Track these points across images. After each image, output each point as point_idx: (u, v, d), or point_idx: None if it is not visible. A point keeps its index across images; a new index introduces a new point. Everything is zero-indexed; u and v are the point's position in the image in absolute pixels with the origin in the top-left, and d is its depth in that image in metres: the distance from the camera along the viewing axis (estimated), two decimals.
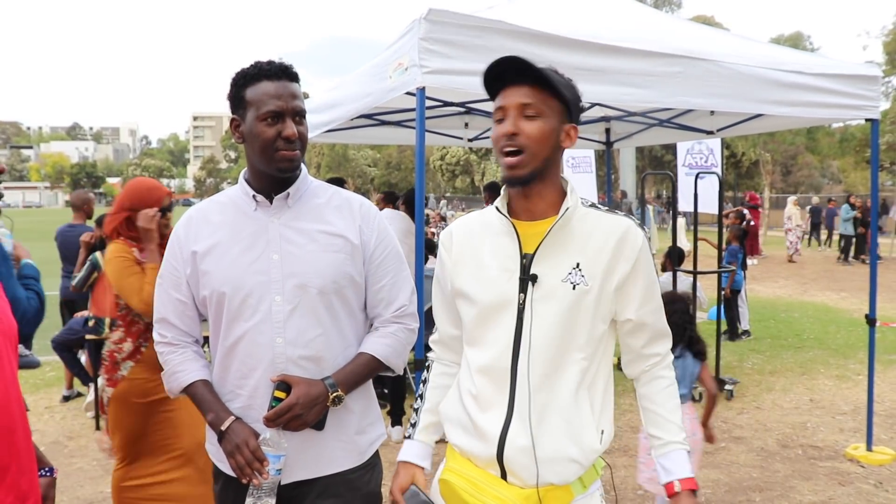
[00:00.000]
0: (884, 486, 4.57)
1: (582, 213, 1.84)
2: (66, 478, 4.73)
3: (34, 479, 1.65)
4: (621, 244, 1.80)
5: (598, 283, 1.78)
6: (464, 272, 1.91)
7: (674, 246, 7.39)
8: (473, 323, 1.89)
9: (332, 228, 2.08)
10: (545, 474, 1.76)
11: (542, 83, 1.76)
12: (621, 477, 4.73)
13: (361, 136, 7.10)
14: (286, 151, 1.98)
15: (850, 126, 28.60)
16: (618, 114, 6.63)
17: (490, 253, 1.87)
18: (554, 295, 1.78)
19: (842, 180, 50.20)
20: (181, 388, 2.12)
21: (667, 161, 34.38)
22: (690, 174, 10.58)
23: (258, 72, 1.99)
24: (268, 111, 1.96)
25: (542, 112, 1.76)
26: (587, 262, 1.79)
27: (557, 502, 1.80)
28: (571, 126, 1.81)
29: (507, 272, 1.83)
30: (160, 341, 2.16)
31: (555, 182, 1.85)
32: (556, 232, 1.79)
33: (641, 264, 1.82)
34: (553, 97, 1.77)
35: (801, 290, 14.06)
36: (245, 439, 1.95)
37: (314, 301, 2.03)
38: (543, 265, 1.80)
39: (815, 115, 4.61)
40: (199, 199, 42.81)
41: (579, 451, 1.79)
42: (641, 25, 4.51)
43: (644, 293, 1.84)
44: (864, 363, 6.91)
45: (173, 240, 2.13)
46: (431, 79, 3.41)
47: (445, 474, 1.90)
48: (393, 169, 67.12)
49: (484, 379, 1.85)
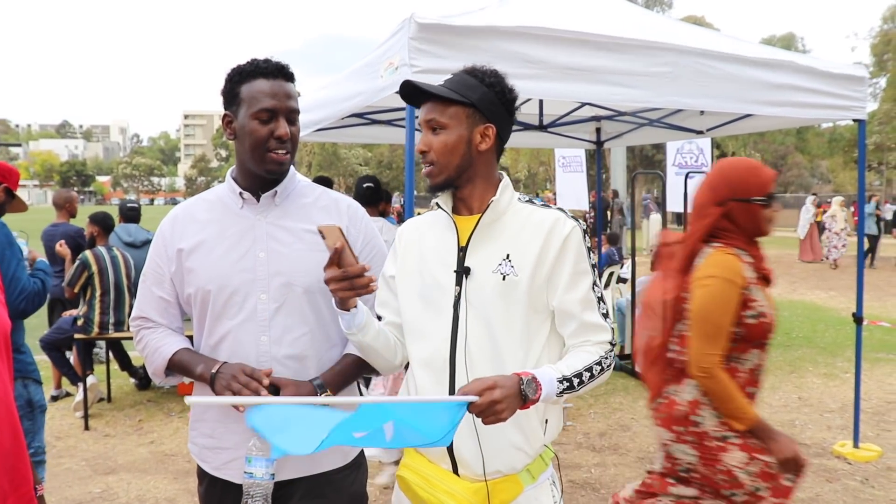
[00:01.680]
0: (870, 482, 4.61)
1: (517, 207, 1.90)
2: (55, 478, 4.71)
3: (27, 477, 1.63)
4: (550, 234, 1.84)
5: (527, 274, 1.81)
6: (406, 267, 1.96)
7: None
8: (413, 316, 1.93)
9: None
10: (492, 462, 1.80)
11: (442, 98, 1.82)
12: (611, 475, 4.75)
13: (352, 134, 7.09)
14: (277, 153, 1.98)
15: (839, 126, 28.84)
16: (608, 113, 6.65)
17: (432, 248, 1.93)
18: (485, 286, 1.83)
19: (831, 180, 50.51)
20: (166, 361, 2.07)
21: (657, 160, 34.45)
22: (680, 174, 10.60)
23: (254, 69, 1.98)
24: (261, 109, 1.95)
25: (445, 125, 1.83)
26: (517, 253, 1.83)
27: (507, 494, 1.82)
28: (487, 126, 1.85)
29: (444, 265, 1.89)
30: (139, 329, 2.14)
31: (486, 181, 1.90)
32: (486, 225, 1.86)
33: (568, 253, 1.83)
34: (456, 105, 1.82)
35: (791, 289, 14.14)
36: (239, 367, 1.92)
37: (300, 300, 2.03)
38: (475, 257, 1.86)
39: (803, 115, 4.65)
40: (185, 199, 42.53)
41: (523, 438, 1.82)
42: (632, 25, 4.53)
43: (569, 281, 1.83)
44: (851, 361, 6.95)
45: (158, 237, 2.12)
46: (422, 78, 3.41)
47: (401, 471, 1.95)
48: (384, 168, 67.00)
49: (425, 372, 1.89)
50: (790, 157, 40.22)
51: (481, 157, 1.87)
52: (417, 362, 1.92)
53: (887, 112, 24.21)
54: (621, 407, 6.23)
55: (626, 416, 5.99)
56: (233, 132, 2.03)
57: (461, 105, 1.82)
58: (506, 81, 1.88)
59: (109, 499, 4.47)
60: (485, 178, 1.90)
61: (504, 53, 3.53)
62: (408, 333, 1.96)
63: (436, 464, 1.88)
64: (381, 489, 4.49)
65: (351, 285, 1.73)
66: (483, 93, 1.83)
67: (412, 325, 1.94)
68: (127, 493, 4.55)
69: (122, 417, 6.11)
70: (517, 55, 3.58)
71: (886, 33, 29.77)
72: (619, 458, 5.04)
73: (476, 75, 1.85)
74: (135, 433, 5.71)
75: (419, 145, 1.86)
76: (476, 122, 1.84)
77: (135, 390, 6.87)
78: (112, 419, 6.06)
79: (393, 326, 2.01)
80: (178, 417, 6.02)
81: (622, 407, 6.23)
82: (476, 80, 1.84)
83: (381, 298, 2.05)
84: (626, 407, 6.23)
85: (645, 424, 5.77)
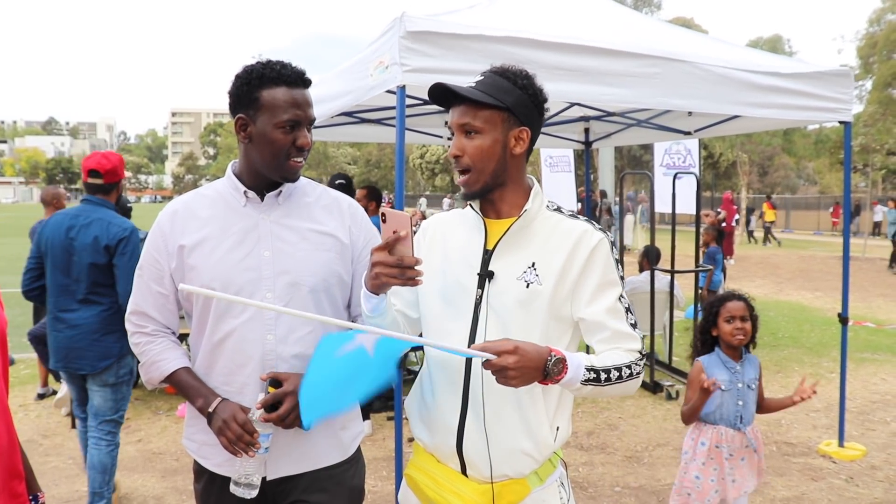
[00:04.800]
0: (854, 480, 4.66)
1: (545, 215, 1.88)
2: (42, 476, 4.68)
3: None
4: (577, 245, 1.82)
5: (552, 283, 1.80)
6: (429, 264, 1.93)
7: (651, 245, 7.45)
8: (433, 314, 1.92)
9: (323, 228, 2.10)
10: (499, 467, 1.80)
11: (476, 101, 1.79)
12: (598, 474, 4.78)
13: (341, 133, 7.08)
14: (296, 160, 2.00)
15: (825, 128, 29.02)
16: (597, 114, 6.68)
17: (458, 247, 1.91)
18: (507, 292, 1.81)
19: (817, 181, 50.86)
20: (163, 378, 2.09)
21: (645, 161, 34.59)
22: (668, 174, 10.66)
23: (277, 76, 1.96)
24: (287, 119, 1.95)
25: (480, 129, 1.79)
26: (543, 262, 1.81)
27: (514, 496, 1.83)
28: (521, 129, 1.82)
29: (468, 267, 1.87)
30: (136, 332, 2.13)
31: (518, 185, 1.88)
32: (515, 231, 1.84)
33: (595, 264, 1.81)
34: (491, 108, 1.79)
35: (777, 289, 14.23)
36: (233, 414, 1.94)
37: (305, 299, 2.03)
38: (500, 262, 1.84)
39: (789, 116, 4.69)
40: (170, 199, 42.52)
41: (533, 445, 1.81)
42: (621, 27, 4.56)
43: (596, 291, 1.82)
44: (836, 361, 7.01)
45: (156, 232, 2.09)
46: (412, 77, 3.43)
47: (410, 470, 1.96)
48: (373, 167, 66.95)
49: (440, 373, 1.89)
50: (777, 158, 40.42)
51: (514, 160, 1.84)
52: (434, 362, 1.91)
53: (872, 114, 24.35)
54: (609, 406, 6.26)
55: (614, 416, 6.02)
56: (248, 136, 2.01)
57: (496, 109, 1.79)
58: (537, 83, 1.85)
59: None
60: (516, 182, 1.87)
61: (493, 53, 3.54)
62: (426, 331, 1.95)
63: (444, 464, 1.89)
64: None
65: (402, 273, 1.70)
66: (518, 96, 1.80)
67: (431, 324, 1.93)
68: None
69: None
70: (506, 55, 3.59)
71: (872, 36, 29.99)
72: (606, 458, 5.07)
73: (508, 77, 1.81)
74: (122, 431, 5.66)
75: (453, 149, 1.82)
76: (511, 126, 1.81)
77: None
78: None
79: (401, 315, 2.00)
80: (166, 416, 6.00)
81: (610, 406, 6.26)
82: (509, 82, 1.80)
83: (395, 288, 2.01)
84: (613, 406, 6.25)
85: (632, 424, 5.80)
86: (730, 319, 3.26)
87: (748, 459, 3.26)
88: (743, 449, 3.23)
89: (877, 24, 30.03)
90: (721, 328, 3.28)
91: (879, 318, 10.82)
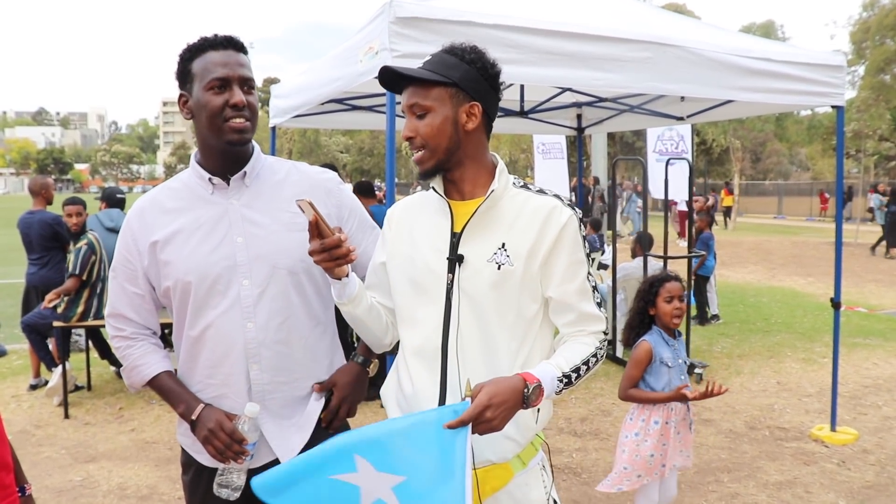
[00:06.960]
0: (846, 464, 4.68)
1: (512, 193, 1.85)
2: (34, 467, 4.67)
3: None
4: (546, 222, 1.80)
5: (522, 263, 1.79)
6: (398, 252, 1.92)
7: (644, 231, 7.46)
8: (405, 302, 1.90)
9: (295, 206, 2.00)
10: (482, 452, 1.78)
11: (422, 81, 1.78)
12: (592, 459, 4.79)
13: (333, 121, 7.05)
14: (235, 121, 1.92)
15: (818, 114, 29.01)
16: (589, 99, 6.66)
17: (424, 233, 1.89)
18: (479, 275, 1.79)
19: (810, 167, 50.95)
20: (144, 382, 2.08)
21: (638, 147, 34.57)
22: (661, 160, 10.67)
23: (203, 43, 1.94)
24: (214, 79, 1.90)
25: (429, 108, 1.77)
26: (513, 241, 1.80)
27: (497, 481, 1.82)
28: (472, 104, 1.79)
29: (437, 252, 1.84)
30: (116, 335, 2.10)
31: (478, 163, 1.86)
32: (483, 213, 1.81)
33: (564, 242, 1.81)
34: (439, 86, 1.77)
35: (770, 275, 14.27)
36: (219, 423, 1.92)
37: (284, 282, 2.00)
38: (470, 245, 1.82)
39: (782, 101, 4.68)
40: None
41: (515, 428, 1.78)
42: (612, 11, 4.53)
43: (565, 270, 1.81)
44: (829, 346, 7.05)
45: (125, 231, 2.05)
46: (402, 62, 3.40)
47: None
48: (365, 155, 66.69)
49: (416, 360, 1.86)
50: (769, 144, 40.52)
51: (469, 137, 1.82)
52: (409, 349, 1.89)
53: (865, 100, 24.36)
54: (602, 392, 6.27)
55: (608, 402, 6.03)
56: (189, 111, 1.97)
57: (443, 86, 1.76)
58: (487, 56, 1.82)
59: (90, 487, 4.44)
60: (475, 160, 1.85)
61: (485, 37, 3.51)
62: (399, 319, 1.93)
63: None
64: None
65: (330, 256, 1.70)
66: (465, 70, 1.78)
67: (404, 312, 1.91)
68: (108, 480, 4.52)
69: (102, 405, 6.06)
70: (498, 39, 3.57)
71: (865, 21, 29.93)
72: (600, 443, 5.08)
73: (455, 53, 1.80)
74: (115, 421, 5.67)
75: (405, 132, 1.80)
76: (461, 102, 1.78)
77: (115, 378, 6.81)
78: (92, 407, 6.01)
79: (385, 308, 1.99)
80: (159, 405, 5.98)
81: (603, 392, 6.27)
82: (456, 58, 1.79)
83: (371, 282, 2.01)
84: (607, 392, 6.27)
85: (626, 410, 5.81)
86: (669, 299, 3.39)
87: (683, 434, 3.42)
88: (681, 422, 3.39)
89: (870, 10, 29.99)
90: (660, 308, 3.41)
91: (871, 303, 10.86)
